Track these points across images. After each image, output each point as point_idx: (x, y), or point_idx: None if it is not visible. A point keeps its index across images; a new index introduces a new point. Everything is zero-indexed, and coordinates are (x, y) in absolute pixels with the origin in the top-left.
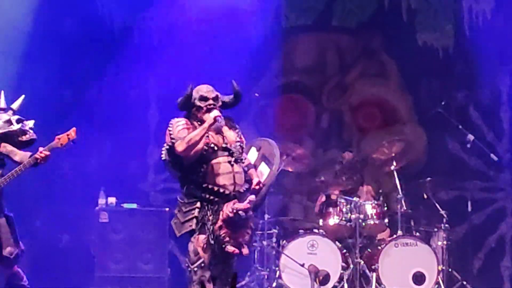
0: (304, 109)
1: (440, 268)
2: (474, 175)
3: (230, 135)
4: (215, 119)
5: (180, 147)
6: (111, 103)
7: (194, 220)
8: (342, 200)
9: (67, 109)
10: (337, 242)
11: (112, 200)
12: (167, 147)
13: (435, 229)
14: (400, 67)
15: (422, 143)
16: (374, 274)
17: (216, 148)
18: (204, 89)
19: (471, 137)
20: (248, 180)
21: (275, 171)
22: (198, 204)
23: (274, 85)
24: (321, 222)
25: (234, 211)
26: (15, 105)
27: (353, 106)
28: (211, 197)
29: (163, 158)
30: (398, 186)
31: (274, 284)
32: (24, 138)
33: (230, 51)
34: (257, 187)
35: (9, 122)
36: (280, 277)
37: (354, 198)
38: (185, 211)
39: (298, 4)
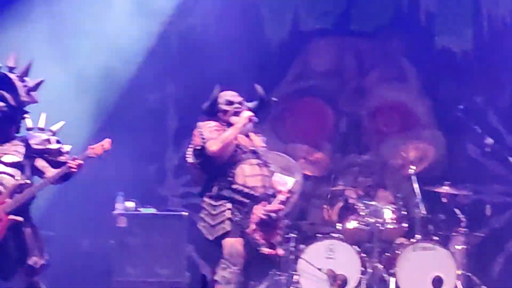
0: (322, 113)
1: (459, 272)
2: (493, 179)
3: (256, 139)
4: (249, 119)
5: (214, 146)
6: (129, 108)
7: (228, 222)
8: (361, 204)
9: (86, 114)
10: (355, 247)
11: (130, 204)
12: (194, 149)
13: (454, 233)
14: (418, 71)
15: (441, 147)
16: (393, 279)
17: (245, 150)
18: (229, 94)
19: (490, 140)
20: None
21: (300, 179)
22: (229, 205)
23: (292, 89)
24: (339, 226)
25: (267, 213)
26: (55, 128)
27: (372, 110)
28: (242, 199)
29: (188, 161)
30: (417, 191)
31: None
32: (60, 159)
33: (249, 56)
34: (288, 195)
35: (48, 141)
36: (298, 282)
37: (373, 202)
38: (215, 214)
39: (316, 8)
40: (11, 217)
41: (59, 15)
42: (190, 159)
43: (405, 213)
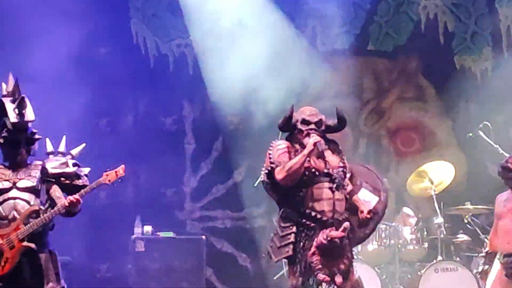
0: (341, 134)
1: None
2: None
3: (333, 160)
4: (314, 145)
5: (280, 175)
6: (147, 131)
7: (291, 246)
8: (381, 225)
9: (103, 138)
10: (376, 268)
11: (148, 228)
12: (266, 171)
13: (476, 254)
14: (437, 90)
15: (462, 167)
16: None
17: (317, 173)
18: (308, 112)
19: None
20: (350, 208)
21: (385, 199)
22: (294, 229)
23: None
24: (360, 247)
25: (329, 238)
26: (75, 151)
27: (391, 131)
28: (308, 222)
29: (262, 180)
30: (438, 211)
31: None
32: (78, 182)
33: (268, 76)
34: (368, 215)
35: (65, 164)
36: None
37: (393, 223)
38: (282, 236)
39: (334, 28)
40: (25, 243)
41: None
42: (262, 177)
43: (426, 233)
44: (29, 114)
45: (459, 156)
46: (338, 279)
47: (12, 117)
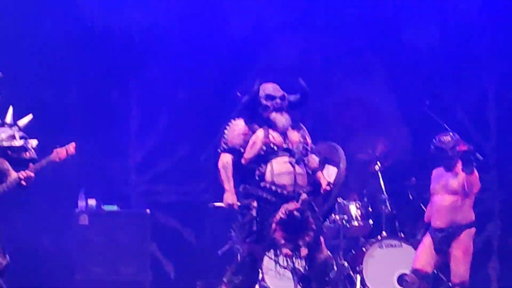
0: None
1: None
2: None
3: (293, 135)
4: (226, 206)
5: (220, 163)
6: (91, 103)
7: (254, 222)
8: None
9: (46, 109)
10: None
11: (92, 202)
12: (219, 150)
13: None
14: (385, 64)
15: (407, 143)
16: (359, 276)
17: (276, 148)
18: (271, 88)
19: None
20: (314, 184)
21: (343, 168)
22: (255, 204)
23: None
24: None
25: (287, 212)
26: (22, 123)
27: (337, 105)
28: (269, 197)
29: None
30: (383, 187)
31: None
32: (25, 155)
33: (212, 53)
34: (328, 188)
35: (13, 137)
36: (263, 279)
37: (338, 199)
38: (244, 212)
39: (278, 2)
40: None
41: None
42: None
43: (371, 209)
44: None
45: (404, 131)
46: (303, 251)
47: None
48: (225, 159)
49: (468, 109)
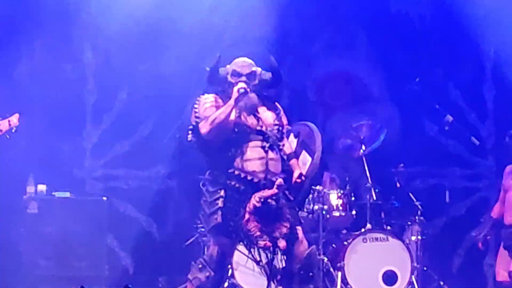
0: None
1: (414, 266)
2: (453, 161)
3: (267, 117)
4: (238, 92)
5: (203, 128)
6: (42, 77)
7: (219, 212)
8: None
9: None
10: None
11: (42, 188)
12: (191, 127)
13: (409, 223)
14: (370, 37)
15: (395, 124)
16: (340, 273)
17: (248, 130)
18: (240, 63)
19: (449, 118)
20: (287, 171)
21: (317, 160)
22: (223, 193)
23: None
24: None
25: (262, 199)
26: None
27: (317, 82)
28: (237, 185)
29: (188, 139)
30: (367, 174)
31: (226, 285)
32: None
33: (179, 16)
34: (298, 180)
35: None
36: (233, 276)
37: (317, 187)
38: (210, 201)
39: None
40: None
41: None
42: (189, 137)
43: (354, 199)
44: None
45: (392, 112)
46: (281, 243)
47: None
48: (204, 125)
49: (462, 87)
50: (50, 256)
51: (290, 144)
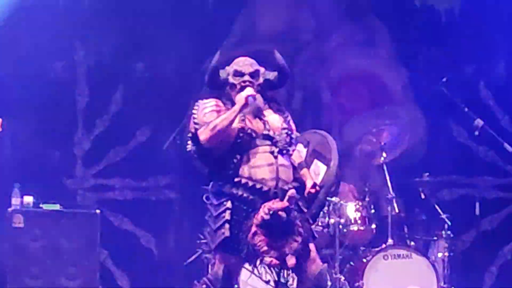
0: None
1: (440, 286)
2: (484, 170)
3: (274, 120)
4: (246, 100)
5: (203, 135)
6: (29, 79)
7: (226, 226)
8: None
9: None
10: None
11: (29, 199)
12: (190, 134)
13: (435, 238)
14: (392, 33)
15: (420, 129)
16: None
17: (254, 135)
18: (241, 62)
19: (480, 121)
20: (299, 179)
21: (334, 168)
22: (229, 204)
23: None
24: None
25: (271, 212)
26: None
27: (334, 82)
28: (245, 195)
29: (188, 149)
30: (389, 184)
31: None
32: None
33: (181, 16)
34: (312, 190)
35: None
36: None
37: (333, 198)
38: (216, 215)
39: None
40: None
41: None
42: (188, 146)
43: (374, 211)
44: None
45: (416, 115)
46: (291, 260)
47: None
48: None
49: (494, 87)
50: (37, 275)
51: (299, 153)
